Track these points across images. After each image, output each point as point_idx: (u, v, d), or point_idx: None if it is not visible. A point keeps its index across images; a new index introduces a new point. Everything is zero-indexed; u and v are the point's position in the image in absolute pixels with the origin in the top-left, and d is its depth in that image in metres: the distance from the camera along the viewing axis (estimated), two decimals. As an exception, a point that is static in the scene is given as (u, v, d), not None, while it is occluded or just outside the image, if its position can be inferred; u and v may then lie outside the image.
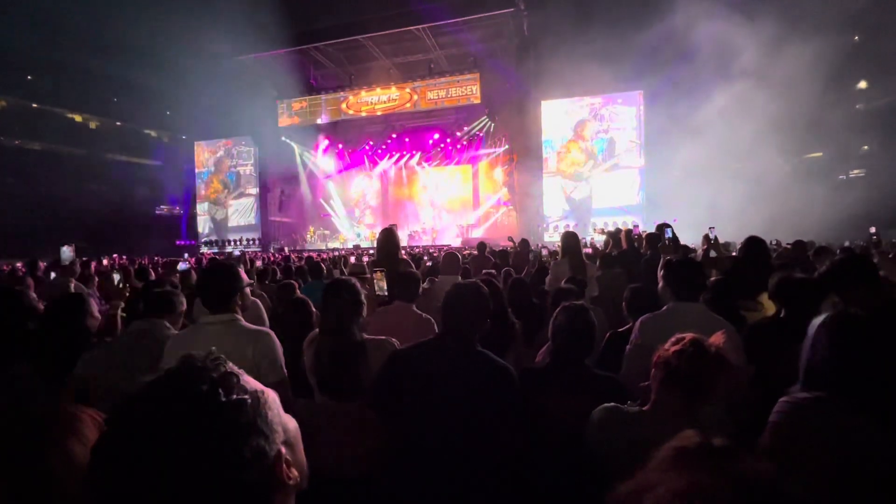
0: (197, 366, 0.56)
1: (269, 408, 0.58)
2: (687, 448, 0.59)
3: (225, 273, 1.99)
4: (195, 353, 0.58)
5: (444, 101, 18.52)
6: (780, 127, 13.53)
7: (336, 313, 1.94)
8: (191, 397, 0.53)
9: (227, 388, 0.55)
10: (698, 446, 0.59)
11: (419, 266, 6.01)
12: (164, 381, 0.55)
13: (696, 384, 1.40)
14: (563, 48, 14.66)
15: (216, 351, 0.60)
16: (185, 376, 0.55)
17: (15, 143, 21.25)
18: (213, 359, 0.58)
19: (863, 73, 15.23)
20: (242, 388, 0.57)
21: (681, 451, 0.59)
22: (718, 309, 2.33)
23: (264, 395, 0.59)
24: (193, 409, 0.52)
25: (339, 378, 1.87)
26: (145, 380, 0.56)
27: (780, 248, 6.08)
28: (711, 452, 0.58)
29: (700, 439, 0.60)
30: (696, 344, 1.42)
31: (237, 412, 0.54)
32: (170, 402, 0.52)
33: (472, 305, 1.76)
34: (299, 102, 20.44)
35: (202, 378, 0.54)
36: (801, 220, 11.62)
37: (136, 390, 0.55)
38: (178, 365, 0.57)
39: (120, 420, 0.53)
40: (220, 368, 0.57)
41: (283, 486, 0.57)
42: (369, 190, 21.66)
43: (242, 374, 0.59)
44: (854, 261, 2.22)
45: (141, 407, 0.53)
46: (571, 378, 1.87)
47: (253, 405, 0.56)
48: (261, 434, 0.55)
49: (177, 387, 0.54)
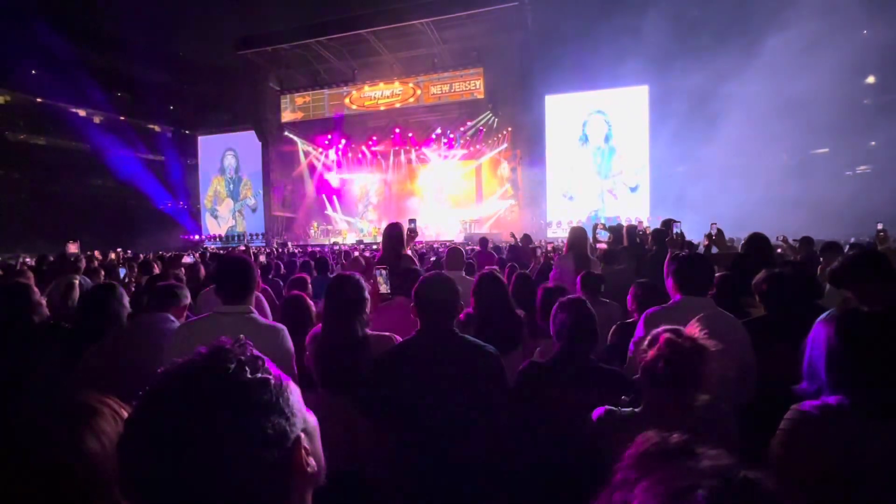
0: (225, 348, 0.59)
1: (292, 392, 0.61)
2: (646, 451, 0.58)
3: (246, 266, 2.00)
4: (224, 338, 0.61)
5: (448, 96, 18.47)
6: (786, 122, 13.42)
7: (339, 308, 1.94)
8: (217, 374, 0.56)
9: (252, 367, 0.58)
10: (655, 447, 0.58)
11: (423, 262, 6.00)
12: (194, 360, 0.58)
13: (679, 381, 1.39)
14: (567, 43, 14.59)
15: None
16: (214, 356, 0.58)
17: (20, 138, 21.32)
18: (240, 344, 0.61)
19: (871, 67, 15.07)
20: (267, 370, 0.60)
21: (640, 455, 0.58)
22: (724, 305, 2.32)
23: (286, 382, 0.61)
24: (219, 385, 0.55)
25: (341, 372, 1.88)
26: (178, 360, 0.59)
27: (785, 243, 6.03)
28: (670, 451, 0.56)
29: (657, 439, 0.59)
30: (671, 344, 1.40)
31: (262, 389, 0.57)
32: (198, 378, 0.56)
33: (443, 294, 1.76)
34: (303, 97, 20.42)
35: (229, 358, 0.57)
36: (806, 215, 11.55)
37: (169, 368, 0.58)
38: (208, 348, 0.60)
39: (151, 395, 0.55)
40: (246, 352, 0.60)
41: (301, 472, 0.58)
42: (372, 185, 21.65)
43: (267, 359, 0.62)
44: (868, 256, 2.17)
45: (170, 383, 0.56)
46: (577, 372, 1.86)
47: (276, 385, 0.58)
48: (282, 414, 0.57)
49: (205, 365, 0.57)
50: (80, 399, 0.84)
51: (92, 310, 2.19)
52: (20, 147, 21.09)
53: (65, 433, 0.78)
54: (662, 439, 0.59)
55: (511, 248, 7.12)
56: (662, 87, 15.60)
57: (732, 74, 13.68)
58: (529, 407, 1.84)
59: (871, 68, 15.14)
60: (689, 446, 0.56)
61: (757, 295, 2.34)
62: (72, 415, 0.81)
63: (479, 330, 2.36)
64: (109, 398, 0.86)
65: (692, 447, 0.56)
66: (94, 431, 0.80)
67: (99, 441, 0.79)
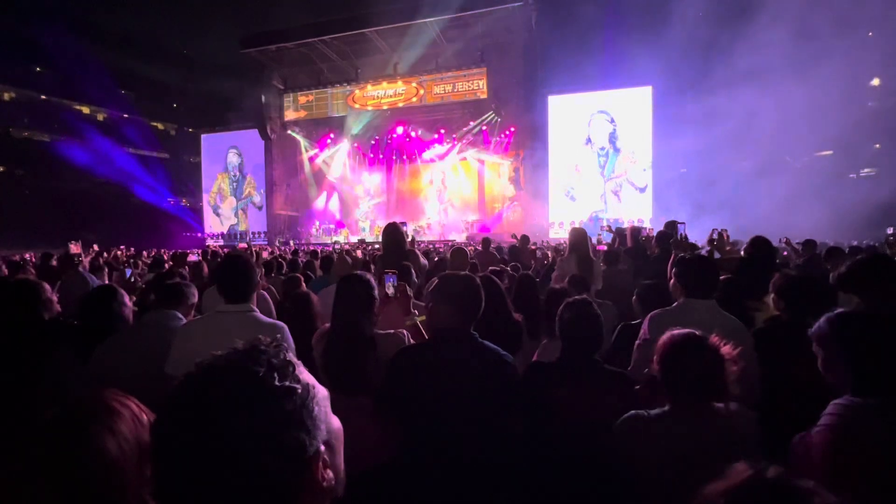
0: (260, 349, 0.58)
1: (318, 403, 0.59)
2: (742, 488, 0.54)
3: (247, 264, 2.02)
4: (262, 338, 0.61)
5: (451, 96, 18.45)
6: (789, 125, 13.39)
7: (347, 308, 1.95)
8: (246, 376, 0.55)
9: (282, 374, 0.57)
10: (752, 484, 0.53)
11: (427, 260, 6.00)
12: (228, 357, 0.57)
13: (706, 386, 1.40)
14: (570, 43, 14.57)
15: (271, 339, 0.62)
16: (247, 356, 0.57)
17: (23, 135, 21.38)
18: (275, 345, 0.60)
19: (876, 70, 15.01)
20: (296, 378, 0.58)
21: (737, 492, 0.54)
22: (728, 308, 2.32)
23: (314, 390, 0.60)
24: (246, 389, 0.54)
25: (349, 372, 1.89)
26: (214, 354, 0.58)
27: (789, 245, 6.03)
28: (771, 491, 0.52)
29: (752, 473, 0.55)
30: (695, 348, 1.42)
31: (286, 399, 0.55)
32: (226, 377, 0.55)
33: (464, 296, 1.74)
34: (306, 96, 20.44)
35: (260, 360, 0.56)
36: (808, 218, 11.53)
37: (203, 361, 0.57)
38: (244, 345, 0.59)
39: (182, 388, 0.55)
40: (280, 355, 0.59)
41: (315, 486, 0.57)
42: (374, 185, 21.66)
43: (300, 364, 0.61)
44: (877, 260, 2.17)
45: (200, 379, 0.55)
46: (581, 373, 1.87)
47: (302, 395, 0.57)
48: (303, 427, 0.56)
49: (236, 364, 0.56)
50: (101, 399, 0.84)
51: (95, 311, 2.23)
52: (23, 144, 21.15)
53: (83, 433, 0.78)
54: (756, 473, 0.55)
55: (510, 249, 7.13)
56: (666, 87, 15.57)
57: (735, 75, 13.65)
58: (534, 407, 1.85)
59: (877, 70, 15.08)
60: (790, 483, 0.52)
61: (776, 295, 2.31)
62: (92, 414, 0.81)
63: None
64: (131, 400, 0.86)
65: (793, 484, 0.52)
66: (113, 433, 0.79)
67: (117, 442, 0.79)
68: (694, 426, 1.40)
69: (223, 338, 0.72)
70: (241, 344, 0.59)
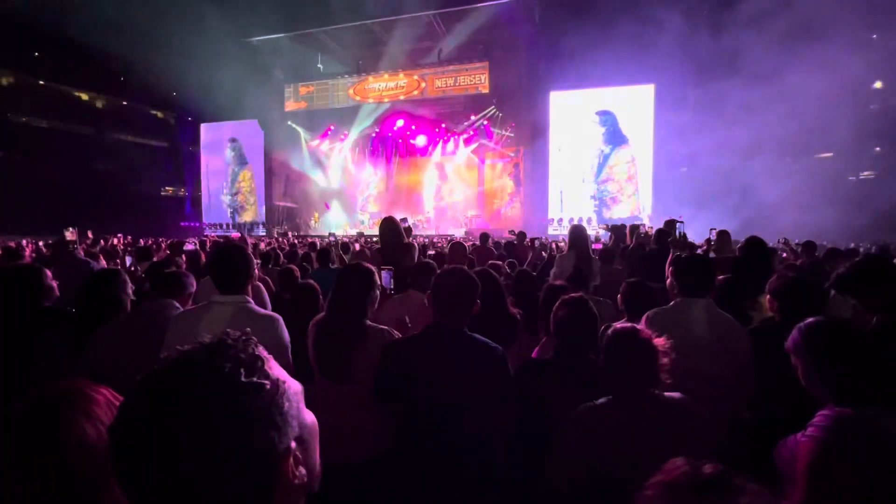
0: (227, 343, 0.56)
1: (288, 399, 0.57)
2: (676, 482, 0.54)
3: (243, 255, 1.99)
4: (230, 332, 0.59)
5: (452, 90, 18.36)
6: (789, 126, 13.36)
7: (342, 298, 1.95)
8: (211, 372, 0.53)
9: (249, 369, 0.54)
10: (687, 478, 0.54)
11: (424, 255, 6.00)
12: (193, 352, 0.55)
13: (633, 370, 1.47)
14: (573, 39, 14.45)
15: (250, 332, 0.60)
16: (212, 351, 0.55)
17: (21, 121, 21.22)
18: (244, 339, 0.58)
19: (878, 72, 14.96)
20: (265, 374, 0.56)
21: (670, 485, 0.54)
22: (725, 308, 2.32)
23: (285, 385, 0.57)
24: (211, 385, 0.52)
25: (333, 361, 1.89)
26: (181, 349, 0.56)
27: (787, 246, 6.04)
28: (703, 486, 0.52)
29: (687, 468, 0.55)
30: (615, 334, 1.53)
31: (253, 396, 0.53)
32: (191, 373, 0.53)
33: (460, 291, 1.76)
34: (307, 87, 20.31)
35: (227, 356, 0.54)
36: (807, 220, 11.54)
37: (169, 357, 0.55)
38: (211, 339, 0.57)
39: (144, 384, 0.53)
40: (248, 349, 0.57)
41: (287, 484, 0.55)
42: (374, 177, 21.59)
43: (270, 359, 0.59)
44: (876, 263, 2.16)
45: (164, 376, 0.53)
46: (575, 371, 1.87)
47: (271, 391, 0.55)
48: (272, 424, 0.54)
49: (202, 359, 0.54)
50: (73, 386, 0.83)
51: (96, 296, 2.20)
52: (22, 129, 20.98)
53: (58, 418, 0.77)
54: (693, 469, 0.55)
55: (507, 244, 7.13)
56: (669, 86, 15.50)
57: (738, 76, 13.59)
58: (525, 404, 1.85)
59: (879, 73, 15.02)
60: (725, 479, 0.52)
61: (771, 296, 2.31)
62: (66, 400, 0.80)
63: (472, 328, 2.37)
64: (104, 387, 0.86)
65: (728, 480, 0.52)
66: (90, 417, 0.79)
67: (94, 426, 0.78)
68: (634, 413, 1.44)
69: (217, 328, 0.71)
70: (207, 338, 0.57)
